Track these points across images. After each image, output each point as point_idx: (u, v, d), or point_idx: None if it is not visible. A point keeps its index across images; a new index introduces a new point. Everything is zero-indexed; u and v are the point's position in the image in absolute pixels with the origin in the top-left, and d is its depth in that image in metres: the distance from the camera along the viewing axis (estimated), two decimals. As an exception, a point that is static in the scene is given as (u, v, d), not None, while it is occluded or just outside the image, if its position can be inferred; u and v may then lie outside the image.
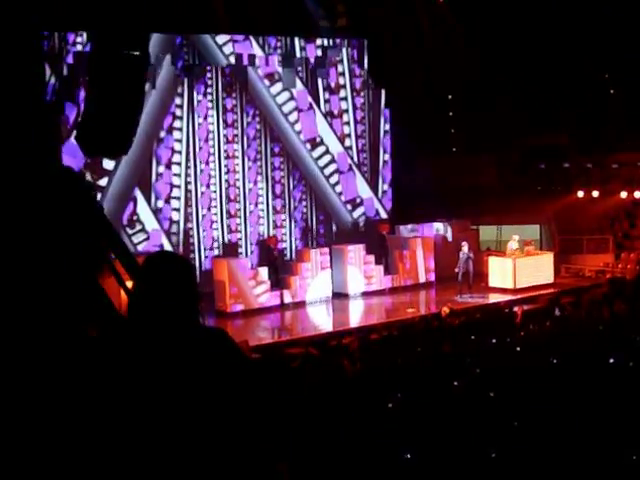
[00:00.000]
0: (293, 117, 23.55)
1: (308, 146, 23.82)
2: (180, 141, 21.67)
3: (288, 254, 23.56)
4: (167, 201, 21.63)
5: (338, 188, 24.48)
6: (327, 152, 24.20)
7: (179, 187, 21.72)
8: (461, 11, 24.65)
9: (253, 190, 23.03)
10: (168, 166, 21.54)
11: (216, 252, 22.33)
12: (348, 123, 24.74)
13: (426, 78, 25.09)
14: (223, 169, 22.42)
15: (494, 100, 25.06)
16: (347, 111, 24.70)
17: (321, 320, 20.70)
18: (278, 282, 21.43)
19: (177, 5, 18.96)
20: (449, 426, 7.19)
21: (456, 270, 21.73)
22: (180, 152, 21.70)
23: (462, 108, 26.69)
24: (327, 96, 24.18)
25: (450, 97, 27.16)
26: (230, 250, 22.42)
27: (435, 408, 7.86)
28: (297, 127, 23.61)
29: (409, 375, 9.94)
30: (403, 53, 24.38)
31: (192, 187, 21.94)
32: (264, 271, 20.94)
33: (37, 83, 4.61)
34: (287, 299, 21.14)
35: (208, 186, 22.15)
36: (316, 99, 23.93)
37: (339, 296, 21.96)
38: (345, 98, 24.62)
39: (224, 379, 3.22)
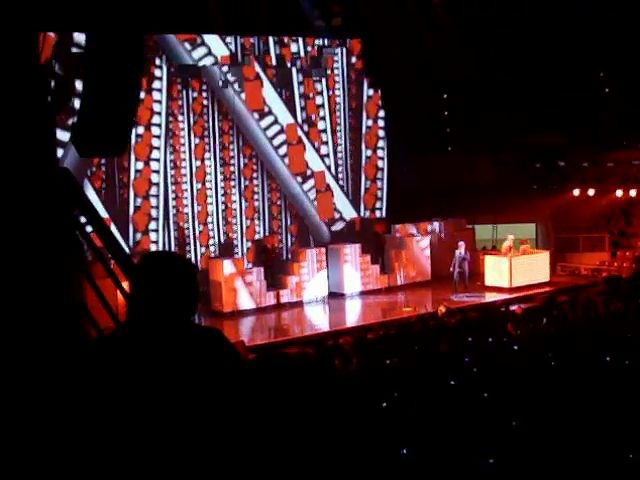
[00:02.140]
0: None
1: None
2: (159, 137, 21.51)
3: (284, 254, 23.54)
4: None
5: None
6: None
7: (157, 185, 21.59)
8: (458, 10, 24.64)
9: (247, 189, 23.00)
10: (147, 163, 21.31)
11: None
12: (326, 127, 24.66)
13: (422, 77, 25.08)
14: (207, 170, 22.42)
15: (490, 99, 25.07)
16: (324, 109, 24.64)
17: (317, 320, 20.71)
18: (274, 282, 21.44)
19: (168, 5, 18.90)
20: (446, 425, 7.19)
21: (451, 269, 21.76)
22: (158, 148, 21.55)
23: (458, 107, 26.70)
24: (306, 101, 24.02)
25: (446, 96, 27.17)
26: (226, 250, 22.41)
27: (432, 407, 7.86)
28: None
29: (406, 374, 9.94)
30: (399, 52, 24.37)
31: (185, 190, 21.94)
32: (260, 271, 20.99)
33: (34, 83, 4.60)
34: (283, 299, 21.15)
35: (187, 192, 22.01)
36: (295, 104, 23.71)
37: (335, 296, 21.98)
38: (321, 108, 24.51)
39: (219, 379, 3.21)
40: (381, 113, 25.38)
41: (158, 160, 21.32)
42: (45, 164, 4.56)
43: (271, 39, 23.14)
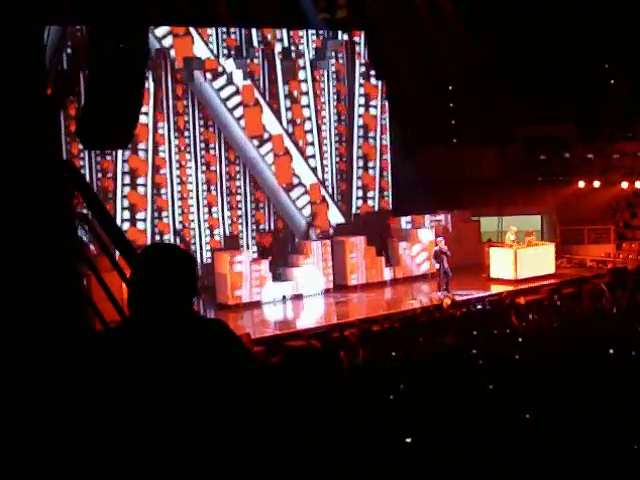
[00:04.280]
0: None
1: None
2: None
3: (289, 246, 23.51)
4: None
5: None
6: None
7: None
8: (464, 2, 24.57)
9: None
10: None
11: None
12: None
13: (427, 69, 25.04)
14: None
15: (495, 91, 25.01)
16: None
17: (322, 312, 20.71)
18: (279, 274, 21.45)
19: None
20: (451, 418, 7.20)
21: (436, 267, 21.56)
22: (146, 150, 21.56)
23: (463, 99, 26.64)
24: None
25: (451, 88, 27.13)
26: (231, 242, 22.41)
27: (437, 400, 7.86)
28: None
29: (411, 366, 9.95)
30: (403, 44, 24.32)
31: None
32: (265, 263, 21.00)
33: (37, 77, 4.60)
34: (288, 291, 21.14)
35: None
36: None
37: (340, 288, 21.96)
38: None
39: (224, 370, 3.22)
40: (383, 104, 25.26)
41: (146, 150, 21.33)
42: (49, 156, 4.56)
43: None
